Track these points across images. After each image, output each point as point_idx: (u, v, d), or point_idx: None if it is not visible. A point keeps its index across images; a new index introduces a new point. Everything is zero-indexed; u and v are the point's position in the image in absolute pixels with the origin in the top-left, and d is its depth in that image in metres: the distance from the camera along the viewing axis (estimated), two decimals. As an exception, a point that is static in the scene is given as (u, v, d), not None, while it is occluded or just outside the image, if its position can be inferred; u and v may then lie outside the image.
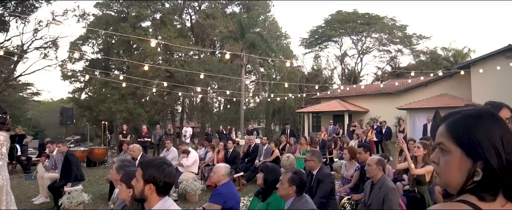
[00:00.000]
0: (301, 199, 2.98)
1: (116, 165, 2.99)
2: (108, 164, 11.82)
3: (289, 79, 27.50)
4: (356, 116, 22.94)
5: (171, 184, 1.91)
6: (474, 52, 31.04)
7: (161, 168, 1.87)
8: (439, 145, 1.08)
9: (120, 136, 12.30)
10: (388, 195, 3.52)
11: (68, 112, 12.72)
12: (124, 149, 7.42)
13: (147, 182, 1.86)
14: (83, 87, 25.64)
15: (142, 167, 1.89)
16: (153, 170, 1.86)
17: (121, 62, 23.80)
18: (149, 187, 1.86)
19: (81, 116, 24.58)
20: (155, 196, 1.88)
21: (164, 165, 1.89)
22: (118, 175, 2.92)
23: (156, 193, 1.87)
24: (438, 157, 1.09)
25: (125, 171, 2.38)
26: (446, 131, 1.02)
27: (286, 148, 10.29)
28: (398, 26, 34.15)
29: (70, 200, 5.53)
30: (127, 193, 2.28)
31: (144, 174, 1.87)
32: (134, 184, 1.92)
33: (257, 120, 35.07)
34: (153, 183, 1.86)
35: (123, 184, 2.32)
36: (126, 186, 2.30)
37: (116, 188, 3.00)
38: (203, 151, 9.33)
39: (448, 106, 18.43)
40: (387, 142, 13.72)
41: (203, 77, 15.96)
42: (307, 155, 4.23)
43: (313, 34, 37.65)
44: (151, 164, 1.88)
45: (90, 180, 8.77)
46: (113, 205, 2.87)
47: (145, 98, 24.63)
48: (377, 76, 37.26)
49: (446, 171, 1.02)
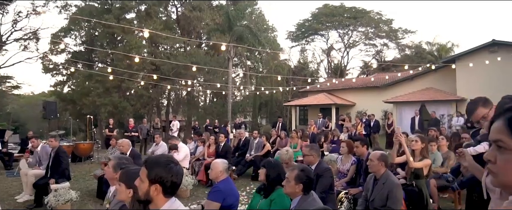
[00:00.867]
0: (308, 197, 2.87)
1: (113, 162, 2.81)
2: (94, 159, 11.51)
3: (276, 73, 27.42)
4: (343, 109, 23.06)
5: (178, 184, 1.76)
6: (458, 46, 31.63)
7: (168, 167, 1.73)
8: (497, 142, 0.98)
9: (106, 130, 11.96)
10: (393, 191, 3.47)
11: (51, 106, 12.29)
12: (113, 144, 7.18)
13: (153, 182, 1.71)
14: (65, 80, 24.90)
15: (147, 166, 1.74)
16: (159, 169, 1.71)
17: (105, 55, 23.18)
18: (155, 187, 1.71)
19: (64, 109, 23.91)
20: (162, 197, 1.73)
21: (171, 164, 1.75)
22: (115, 173, 2.74)
23: (163, 194, 1.73)
24: (495, 155, 1.00)
25: (124, 170, 2.21)
26: (505, 127, 0.93)
27: (277, 142, 10.22)
28: (384, 20, 34.44)
29: (57, 198, 5.30)
30: (127, 193, 2.13)
31: (150, 173, 1.71)
32: (138, 185, 1.76)
33: (244, 113, 34.92)
34: (159, 183, 1.71)
35: (122, 184, 2.15)
36: (126, 186, 2.14)
37: (112, 187, 2.83)
38: (193, 145, 9.15)
39: (433, 99, 18.75)
40: (375, 135, 13.83)
41: (195, 70, 15.66)
42: (306, 150, 4.13)
43: (299, 28, 37.61)
44: (157, 163, 1.73)
45: (75, 176, 8.49)
46: (108, 205, 2.70)
47: (130, 91, 24.13)
48: (363, 70, 37.60)
49: (506, 171, 0.93)
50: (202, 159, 8.51)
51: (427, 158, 4.61)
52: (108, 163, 2.85)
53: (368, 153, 5.10)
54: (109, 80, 20.04)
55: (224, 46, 11.18)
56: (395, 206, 3.49)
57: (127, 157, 3.04)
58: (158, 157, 1.79)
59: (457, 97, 18.41)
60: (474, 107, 2.38)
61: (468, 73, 17.61)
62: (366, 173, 5.02)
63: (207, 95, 31.71)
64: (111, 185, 2.84)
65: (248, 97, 31.63)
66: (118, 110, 20.84)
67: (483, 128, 2.64)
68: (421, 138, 4.78)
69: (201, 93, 30.53)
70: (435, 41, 33.12)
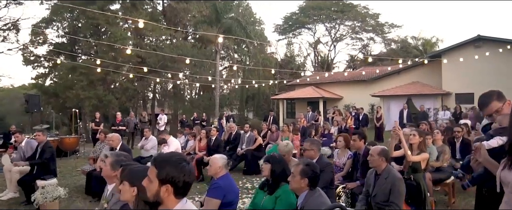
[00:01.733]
0: (314, 192, 2.80)
1: (111, 159, 2.64)
2: (80, 153, 11.20)
3: (264, 66, 27.30)
4: (331, 103, 23.17)
5: (191, 184, 1.64)
6: (442, 41, 32.16)
7: (180, 165, 1.60)
8: None
9: (92, 124, 11.63)
10: (396, 185, 3.42)
11: (34, 99, 11.87)
12: (101, 138, 6.95)
13: (164, 182, 1.58)
14: (47, 72, 24.13)
15: (157, 165, 1.61)
16: (170, 168, 1.58)
17: (89, 47, 22.56)
18: (166, 188, 1.58)
19: (46, 103, 23.21)
20: (173, 198, 1.61)
21: (183, 162, 1.62)
22: (113, 171, 2.59)
23: (174, 194, 1.60)
24: None
25: (129, 169, 2.06)
26: None
27: (268, 135, 10.15)
28: (371, 15, 34.65)
29: (45, 195, 5.06)
30: (131, 192, 1.98)
31: (160, 173, 1.58)
32: (146, 185, 1.63)
33: (231, 106, 34.75)
34: (171, 184, 1.58)
35: (126, 183, 2.01)
36: (130, 184, 2.00)
37: (109, 185, 2.67)
38: (183, 139, 8.98)
39: (420, 93, 19.01)
40: (364, 128, 13.89)
41: (188, 62, 15.38)
42: (307, 144, 4.05)
43: (287, 21, 37.51)
44: (168, 162, 1.60)
45: (62, 171, 8.23)
46: (106, 204, 2.55)
47: (115, 84, 23.60)
48: (349, 64, 37.83)
49: None
50: (193, 154, 8.36)
51: (425, 151, 4.60)
52: (105, 160, 2.68)
53: (365, 146, 5.07)
54: (93, 73, 19.53)
55: (221, 38, 11.00)
56: (398, 201, 3.45)
57: (125, 153, 2.89)
58: (168, 155, 1.66)
59: (443, 91, 18.70)
60: (488, 100, 2.33)
61: (454, 68, 17.90)
62: (363, 167, 4.99)
63: (193, 88, 31.36)
64: (108, 183, 2.69)
65: (235, 91, 31.45)
66: (103, 103, 20.38)
67: (496, 122, 2.59)
68: (419, 131, 4.76)
69: (187, 86, 30.18)
70: (420, 36, 33.60)
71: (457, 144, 6.51)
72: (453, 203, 5.51)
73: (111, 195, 2.53)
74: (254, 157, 8.47)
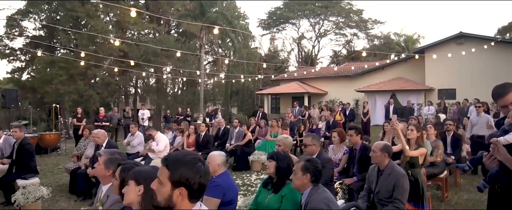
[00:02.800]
0: (318, 188, 2.69)
1: (104, 158, 2.43)
2: (61, 150, 10.77)
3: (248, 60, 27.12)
4: (315, 98, 23.23)
5: (206, 186, 1.47)
6: (423, 38, 32.72)
7: (195, 166, 1.43)
8: None
9: (74, 120, 11.18)
10: (400, 182, 3.35)
11: (11, 94, 11.32)
12: (86, 135, 6.63)
13: (177, 185, 1.41)
14: (24, 66, 23.21)
15: (169, 165, 1.43)
16: (185, 169, 1.41)
17: (68, 40, 21.78)
18: (179, 191, 1.41)
19: (23, 98, 22.36)
20: (187, 202, 1.44)
21: (198, 162, 1.45)
22: (108, 170, 2.39)
23: (188, 198, 1.43)
24: None
25: (136, 170, 1.86)
26: None
27: (256, 131, 10.02)
28: (355, 11, 34.86)
29: (26, 195, 4.77)
30: (136, 191, 1.79)
31: (173, 174, 1.41)
32: (156, 188, 1.45)
33: (214, 101, 34.46)
34: (185, 186, 1.41)
35: (132, 182, 1.81)
36: (135, 183, 1.81)
37: (104, 186, 2.46)
38: (171, 135, 8.74)
39: (404, 88, 19.25)
40: (350, 123, 13.94)
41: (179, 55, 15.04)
42: (308, 139, 3.92)
43: (271, 16, 37.34)
44: (182, 162, 1.43)
45: (42, 169, 7.86)
46: (101, 207, 2.34)
47: (95, 79, 22.92)
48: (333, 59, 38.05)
49: None
50: (181, 150, 8.14)
51: (423, 146, 4.55)
52: (99, 158, 2.47)
53: (361, 142, 4.99)
54: (73, 67, 18.89)
55: (217, 30, 10.80)
56: (402, 197, 3.38)
57: (119, 151, 2.68)
58: (181, 154, 1.48)
59: (426, 87, 18.99)
60: (504, 91, 2.26)
61: (437, 64, 18.17)
62: (359, 162, 4.92)
63: (176, 83, 30.87)
64: (102, 183, 2.48)
65: (219, 86, 31.16)
66: (84, 98, 19.76)
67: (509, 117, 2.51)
68: (417, 126, 4.72)
69: (171, 81, 29.68)
70: (403, 32, 34.09)
71: (448, 138, 6.53)
72: (446, 198, 5.53)
73: (107, 196, 2.32)
74: (244, 152, 8.33)
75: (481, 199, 5.62)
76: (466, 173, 7.23)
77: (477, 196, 5.74)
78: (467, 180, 6.70)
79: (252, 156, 8.15)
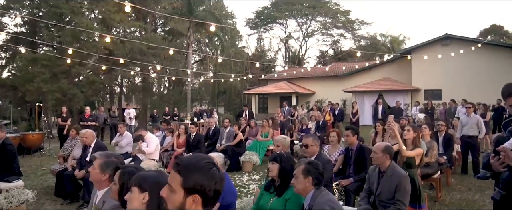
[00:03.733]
0: (321, 191, 2.60)
1: (100, 161, 2.28)
2: (44, 151, 10.42)
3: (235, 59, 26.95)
4: (303, 98, 23.27)
5: (221, 192, 1.36)
6: (409, 39, 33.23)
7: (210, 171, 1.31)
8: None
9: (59, 120, 10.81)
10: (402, 183, 3.30)
11: (-9, 92, 10.89)
12: (72, 135, 6.38)
13: (191, 192, 1.29)
14: (4, 64, 22.46)
15: (182, 171, 1.31)
16: (199, 175, 1.29)
17: (51, 37, 21.16)
18: (193, 199, 1.29)
19: (3, 96, 21.66)
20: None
21: (213, 167, 1.33)
22: (104, 174, 2.23)
23: (203, 206, 1.31)
24: None
25: (140, 175, 1.72)
26: None
27: (247, 131, 9.91)
28: (342, 11, 35.10)
29: (9, 199, 4.53)
30: (140, 199, 1.66)
31: (186, 181, 1.29)
32: (166, 196, 1.33)
33: (201, 101, 34.19)
34: (199, 194, 1.29)
35: (135, 189, 1.68)
36: (140, 190, 1.68)
37: (99, 191, 2.31)
38: (160, 135, 8.54)
39: (390, 89, 19.44)
40: (339, 123, 13.99)
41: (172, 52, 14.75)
42: (309, 140, 3.83)
43: (258, 15, 37.27)
44: (196, 167, 1.31)
45: (26, 171, 7.55)
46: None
47: (79, 77, 22.35)
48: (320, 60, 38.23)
49: None
50: (171, 150, 7.97)
51: (419, 147, 4.53)
52: (93, 161, 2.32)
53: (358, 142, 4.94)
54: (56, 65, 18.36)
55: (213, 27, 10.66)
56: (404, 199, 3.33)
57: (115, 153, 2.52)
58: (194, 159, 1.35)
59: (412, 87, 19.24)
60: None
61: (423, 65, 18.41)
62: (356, 163, 4.87)
63: (163, 82, 30.45)
64: (97, 188, 2.32)
65: (206, 85, 30.90)
66: (67, 97, 19.23)
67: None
68: (413, 127, 4.69)
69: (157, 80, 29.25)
70: (388, 33, 34.53)
71: (440, 138, 6.57)
72: (440, 198, 5.55)
73: (102, 202, 2.18)
74: (235, 153, 8.20)
75: (474, 198, 5.67)
76: (456, 173, 7.33)
77: (470, 195, 5.78)
78: (458, 180, 6.76)
79: (243, 156, 8.03)
